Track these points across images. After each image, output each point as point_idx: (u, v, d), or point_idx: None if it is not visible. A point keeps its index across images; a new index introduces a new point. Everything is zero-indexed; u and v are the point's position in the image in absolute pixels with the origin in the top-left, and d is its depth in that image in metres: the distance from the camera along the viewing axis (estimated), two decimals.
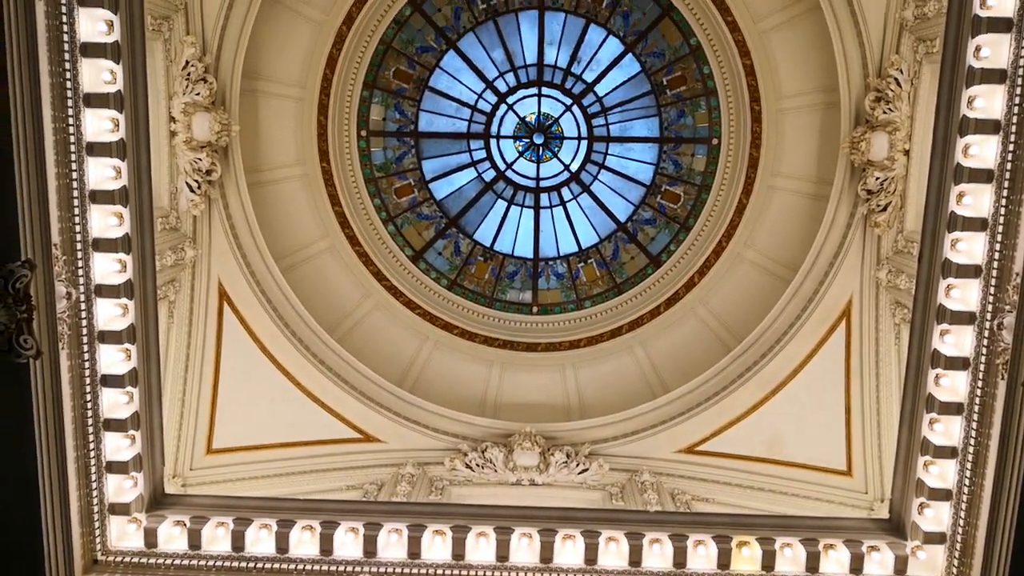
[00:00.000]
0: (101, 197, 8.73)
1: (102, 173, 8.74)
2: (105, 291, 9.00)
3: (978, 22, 8.55)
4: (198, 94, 11.52)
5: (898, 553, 9.50)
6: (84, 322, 8.72)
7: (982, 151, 8.70)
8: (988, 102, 8.63)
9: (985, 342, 8.58)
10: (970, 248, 8.75)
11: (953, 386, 9.08)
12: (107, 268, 9.01)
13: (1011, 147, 8.35)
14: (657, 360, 14.50)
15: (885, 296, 11.94)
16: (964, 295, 8.84)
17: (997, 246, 8.42)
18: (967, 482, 8.96)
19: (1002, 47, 8.48)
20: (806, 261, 12.61)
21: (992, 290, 8.43)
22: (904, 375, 9.70)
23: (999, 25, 8.44)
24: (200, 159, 11.79)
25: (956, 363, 8.93)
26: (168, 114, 11.44)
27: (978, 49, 8.62)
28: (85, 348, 8.79)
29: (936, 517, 9.41)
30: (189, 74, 11.44)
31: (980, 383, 8.66)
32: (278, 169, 13.75)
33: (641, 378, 14.45)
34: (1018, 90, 8.27)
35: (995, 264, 8.40)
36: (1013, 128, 8.33)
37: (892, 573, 9.46)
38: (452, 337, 14.94)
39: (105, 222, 8.85)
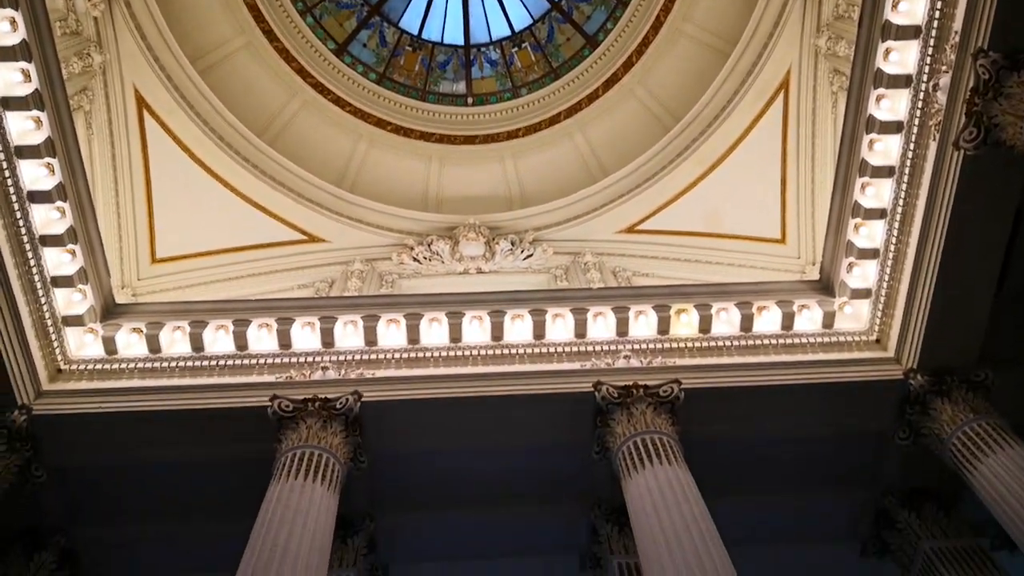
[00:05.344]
0: None
1: None
2: (13, 104, 8.43)
3: None
4: None
5: (826, 309, 10.18)
6: None
7: None
8: None
9: (920, 104, 8.68)
10: (911, 8, 8.62)
11: (886, 150, 9.29)
12: (9, 78, 8.38)
13: None
14: (597, 145, 14.43)
15: (824, 64, 11.85)
16: (902, 58, 8.81)
17: (939, 3, 8.29)
18: (894, 240, 9.41)
19: None
20: (745, 32, 12.31)
21: (930, 50, 8.40)
22: (839, 142, 9.86)
23: None
24: None
25: (890, 127, 9.09)
26: None
27: None
28: (4, 165, 8.36)
29: (863, 275, 10.00)
30: None
31: (912, 145, 8.85)
32: None
33: (581, 164, 14.44)
34: None
35: (935, 23, 8.31)
36: None
37: (820, 328, 10.18)
38: (386, 134, 14.51)
39: None
